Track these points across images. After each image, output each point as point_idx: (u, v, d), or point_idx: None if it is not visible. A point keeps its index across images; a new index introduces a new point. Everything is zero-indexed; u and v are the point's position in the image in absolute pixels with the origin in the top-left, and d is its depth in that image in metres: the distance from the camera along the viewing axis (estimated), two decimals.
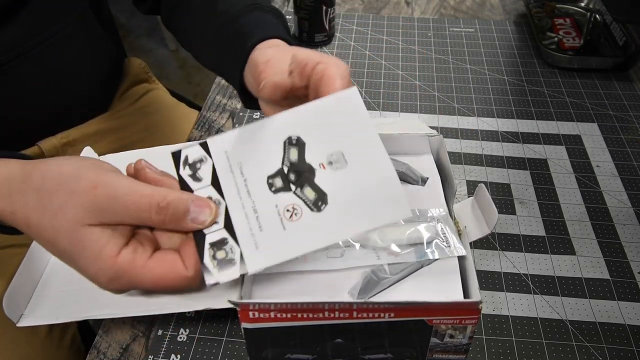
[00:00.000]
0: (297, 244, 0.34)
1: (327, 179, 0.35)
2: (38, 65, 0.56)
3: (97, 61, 0.66)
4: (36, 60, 0.55)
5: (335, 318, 0.34)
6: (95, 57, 0.65)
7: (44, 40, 0.55)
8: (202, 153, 0.37)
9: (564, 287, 0.48)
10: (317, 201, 0.35)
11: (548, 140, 0.64)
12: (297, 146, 0.36)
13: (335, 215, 0.34)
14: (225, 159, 0.37)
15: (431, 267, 0.39)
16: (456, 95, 0.70)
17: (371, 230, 0.34)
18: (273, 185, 0.35)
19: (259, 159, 0.36)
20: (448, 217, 0.41)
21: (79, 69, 0.63)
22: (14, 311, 0.39)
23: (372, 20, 0.85)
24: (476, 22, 0.85)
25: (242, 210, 0.35)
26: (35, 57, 0.55)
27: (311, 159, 0.36)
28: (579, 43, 0.76)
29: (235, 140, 0.37)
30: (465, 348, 0.36)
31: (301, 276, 0.39)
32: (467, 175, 0.59)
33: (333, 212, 0.34)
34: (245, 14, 0.49)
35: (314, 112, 0.37)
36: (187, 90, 1.95)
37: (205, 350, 0.44)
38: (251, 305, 0.33)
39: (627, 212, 0.55)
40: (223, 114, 0.69)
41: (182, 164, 0.37)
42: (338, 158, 0.36)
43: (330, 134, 0.36)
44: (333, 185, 0.35)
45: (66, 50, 0.59)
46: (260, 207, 0.35)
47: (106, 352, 0.44)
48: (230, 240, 0.34)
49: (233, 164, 0.36)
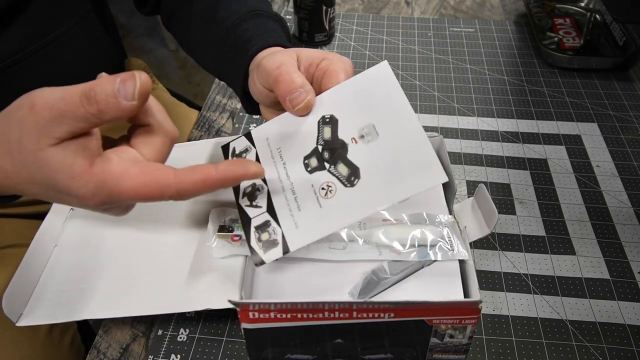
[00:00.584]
0: (332, 221, 0.35)
1: (360, 153, 0.36)
2: (40, 67, 0.56)
3: (98, 62, 0.66)
4: (38, 62, 0.55)
5: (335, 318, 0.34)
6: (96, 58, 0.65)
7: (47, 44, 0.55)
8: (247, 143, 0.40)
9: (564, 287, 0.48)
10: (350, 176, 0.36)
11: (548, 140, 0.64)
12: (330, 124, 0.38)
13: (368, 189, 0.35)
14: (267, 145, 0.39)
15: (431, 268, 0.39)
16: (456, 95, 0.70)
17: (405, 200, 0.34)
18: (309, 166, 0.37)
19: (296, 142, 0.38)
20: (455, 223, 0.41)
21: (80, 70, 0.63)
22: (14, 310, 0.39)
23: (372, 20, 0.85)
24: (476, 22, 0.85)
25: (282, 194, 0.37)
26: (37, 59, 0.55)
27: (344, 134, 0.37)
28: (579, 43, 0.76)
29: (275, 127, 0.39)
30: (465, 348, 0.36)
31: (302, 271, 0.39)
32: (467, 175, 0.59)
33: (366, 186, 0.35)
34: (246, 20, 0.49)
35: (347, 89, 0.38)
36: (187, 90, 1.95)
37: (205, 350, 0.44)
38: (251, 305, 0.33)
39: (627, 212, 0.55)
40: (223, 114, 0.69)
41: (230, 155, 0.40)
42: (369, 131, 0.37)
43: (362, 108, 0.37)
44: (365, 158, 0.36)
45: (67, 52, 0.59)
46: (298, 188, 0.37)
47: (106, 352, 0.44)
48: (272, 223, 0.37)
49: (273, 150, 0.39)
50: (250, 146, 0.40)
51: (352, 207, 0.35)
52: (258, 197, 0.38)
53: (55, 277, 0.42)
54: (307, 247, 0.39)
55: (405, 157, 0.35)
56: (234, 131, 0.66)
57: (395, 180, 0.34)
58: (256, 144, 0.40)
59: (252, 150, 0.40)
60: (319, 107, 0.38)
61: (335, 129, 0.37)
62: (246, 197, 0.38)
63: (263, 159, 0.39)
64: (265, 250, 0.36)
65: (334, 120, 0.38)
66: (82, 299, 0.41)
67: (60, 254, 0.44)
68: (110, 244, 0.44)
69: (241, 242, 0.40)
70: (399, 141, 0.35)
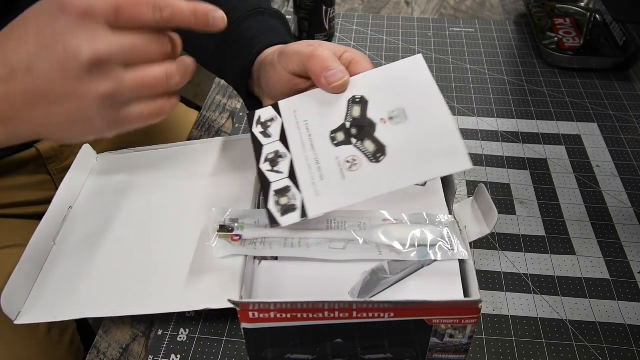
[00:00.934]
0: (355, 192, 0.36)
1: (388, 133, 0.37)
2: None
3: None
4: None
5: (335, 318, 0.34)
6: None
7: None
8: (274, 113, 0.41)
9: (564, 287, 0.48)
10: (376, 153, 0.37)
11: (548, 140, 0.64)
12: (360, 104, 0.39)
13: (393, 166, 0.36)
14: (294, 117, 0.40)
15: (431, 268, 0.39)
16: (456, 95, 0.70)
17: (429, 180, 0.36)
18: (335, 139, 0.38)
19: (324, 117, 0.39)
20: (455, 223, 0.41)
21: None
22: (12, 308, 0.39)
23: (372, 20, 0.85)
24: (476, 22, 0.85)
25: (305, 162, 0.38)
26: None
27: (373, 115, 0.38)
28: (579, 43, 0.76)
29: (304, 101, 0.41)
30: (465, 348, 0.36)
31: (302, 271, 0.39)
32: (467, 175, 0.59)
33: (392, 163, 0.36)
34: (248, 18, 0.49)
35: (379, 75, 0.40)
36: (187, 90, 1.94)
37: (205, 350, 0.44)
38: (251, 305, 0.33)
39: (627, 212, 0.55)
40: (223, 114, 0.69)
41: (255, 123, 0.41)
42: (399, 113, 0.38)
43: (394, 93, 0.39)
44: (393, 138, 0.37)
45: None
46: (322, 158, 0.38)
47: (106, 352, 0.44)
48: (293, 189, 0.37)
49: (300, 122, 0.40)
50: (277, 116, 0.41)
51: (376, 182, 0.36)
52: (280, 163, 0.39)
53: (54, 276, 0.42)
54: (307, 245, 0.39)
55: (432, 141, 0.36)
56: (234, 131, 0.66)
57: (421, 162, 0.36)
58: (283, 114, 0.41)
59: (279, 120, 0.41)
60: (350, 88, 0.40)
61: (365, 108, 0.39)
62: (268, 162, 0.39)
63: (289, 129, 0.40)
64: (283, 214, 0.37)
65: (364, 100, 0.39)
66: (81, 298, 0.41)
67: (59, 252, 0.44)
68: (109, 243, 0.44)
69: (241, 241, 0.40)
70: (428, 126, 0.37)
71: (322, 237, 0.40)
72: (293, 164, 0.38)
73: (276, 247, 0.39)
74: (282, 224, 0.36)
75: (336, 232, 0.40)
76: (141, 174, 0.50)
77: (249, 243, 0.40)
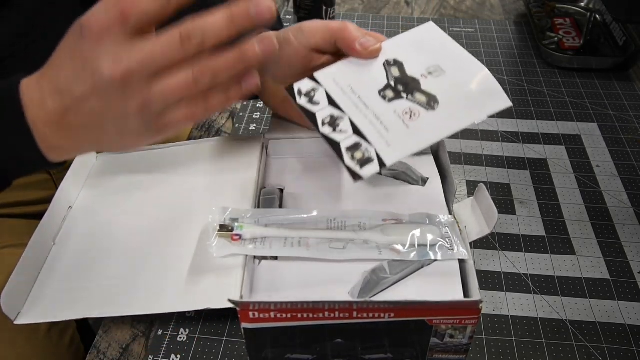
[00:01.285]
0: (422, 138, 0.39)
1: (432, 85, 0.41)
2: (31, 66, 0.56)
3: None
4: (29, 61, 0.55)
5: (335, 318, 0.34)
6: None
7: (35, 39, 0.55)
8: (313, 84, 0.41)
9: (564, 287, 0.48)
10: (430, 102, 0.40)
11: (548, 140, 0.64)
12: (397, 65, 0.42)
13: (449, 111, 0.39)
14: (335, 84, 0.41)
15: (431, 268, 0.39)
16: None
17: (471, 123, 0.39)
18: (386, 97, 0.40)
19: (366, 80, 0.41)
20: (455, 223, 0.41)
21: None
22: (12, 309, 0.39)
23: (372, 20, 0.85)
24: (476, 22, 0.85)
25: (365, 119, 0.39)
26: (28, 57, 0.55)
27: (412, 72, 0.41)
28: (579, 43, 0.76)
29: (341, 69, 0.42)
30: (465, 348, 0.36)
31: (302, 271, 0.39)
32: (467, 175, 0.59)
33: (446, 109, 0.39)
34: None
35: (402, 41, 0.43)
36: None
37: (205, 350, 0.44)
38: (251, 305, 0.33)
39: (627, 212, 0.55)
40: (223, 114, 0.69)
41: (297, 95, 0.41)
42: (436, 69, 0.41)
43: (423, 53, 0.42)
44: (438, 89, 0.40)
45: None
46: (380, 114, 0.39)
47: (106, 352, 0.44)
48: (363, 143, 0.38)
49: (344, 87, 0.41)
50: (317, 86, 0.41)
51: (437, 126, 0.39)
52: (340, 124, 0.39)
53: (54, 276, 0.42)
54: (307, 245, 0.39)
55: (474, 87, 0.40)
56: (234, 131, 0.66)
57: (470, 105, 0.40)
58: (323, 83, 0.41)
59: (321, 89, 0.41)
60: (379, 55, 0.42)
61: (403, 69, 0.41)
62: (327, 125, 0.40)
63: (334, 94, 0.41)
64: (362, 167, 0.37)
65: (399, 62, 0.42)
66: (81, 298, 0.41)
67: (59, 252, 0.44)
68: (109, 242, 0.44)
69: (241, 241, 0.40)
70: (465, 75, 0.41)
71: (322, 237, 0.40)
72: (354, 123, 0.39)
73: (276, 247, 0.39)
74: (364, 176, 0.37)
75: (336, 232, 0.40)
76: (141, 174, 0.50)
77: (249, 243, 0.40)
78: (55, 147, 0.38)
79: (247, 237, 0.40)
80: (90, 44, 0.33)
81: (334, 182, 0.47)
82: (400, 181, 0.46)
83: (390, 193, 0.45)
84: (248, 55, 0.35)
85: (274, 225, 0.41)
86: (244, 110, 0.69)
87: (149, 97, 0.34)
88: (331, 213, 0.42)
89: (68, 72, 0.35)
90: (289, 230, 0.40)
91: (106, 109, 0.35)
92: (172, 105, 0.35)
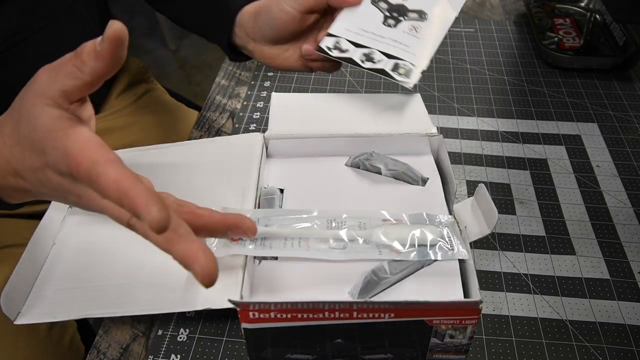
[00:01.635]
0: (432, 39, 0.49)
1: (413, 3, 0.51)
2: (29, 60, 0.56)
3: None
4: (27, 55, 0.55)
5: (335, 318, 0.34)
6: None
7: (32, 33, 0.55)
8: (333, 39, 0.50)
9: (564, 287, 0.48)
10: (421, 15, 0.51)
11: (548, 140, 0.64)
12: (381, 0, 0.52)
13: (439, 17, 0.50)
14: (349, 32, 0.50)
15: (431, 268, 0.39)
16: (456, 95, 0.70)
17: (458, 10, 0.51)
18: (390, 25, 0.50)
19: (368, 20, 0.51)
20: (455, 223, 0.41)
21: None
22: (12, 309, 0.39)
23: None
24: (476, 22, 0.85)
25: (388, 45, 0.49)
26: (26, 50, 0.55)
27: (395, 0, 0.52)
28: (579, 43, 0.76)
29: (344, 20, 0.51)
30: (466, 348, 0.36)
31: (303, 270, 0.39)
32: (467, 175, 0.59)
33: (435, 16, 0.50)
34: None
35: None
36: (187, 90, 1.95)
37: (205, 350, 0.44)
38: (251, 305, 0.33)
39: (627, 212, 0.55)
40: (223, 114, 0.69)
41: (328, 51, 0.50)
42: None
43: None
44: (418, 5, 0.51)
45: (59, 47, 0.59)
46: (395, 38, 0.50)
47: (106, 352, 0.44)
48: (399, 62, 0.48)
49: (357, 31, 0.50)
50: (338, 38, 0.50)
51: (437, 29, 0.50)
52: (374, 57, 0.49)
53: (53, 276, 0.42)
54: (307, 245, 0.39)
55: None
56: (234, 131, 0.66)
57: (445, 7, 0.51)
58: (340, 35, 0.50)
59: (341, 39, 0.50)
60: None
61: (387, 0, 0.51)
62: (366, 62, 0.49)
63: (355, 38, 0.50)
64: (408, 77, 0.47)
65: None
66: (80, 298, 0.41)
67: (59, 252, 0.44)
68: (109, 242, 0.44)
69: (241, 241, 0.40)
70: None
71: (322, 237, 0.40)
72: (382, 51, 0.49)
73: (276, 247, 0.39)
74: (412, 82, 0.47)
75: (336, 232, 0.40)
76: (141, 174, 0.50)
77: (249, 243, 0.40)
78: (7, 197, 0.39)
79: (247, 238, 0.40)
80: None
81: (334, 182, 0.47)
82: (400, 181, 0.46)
83: (390, 193, 0.45)
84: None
85: (274, 225, 0.41)
86: (244, 110, 0.69)
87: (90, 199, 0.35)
88: (331, 213, 0.42)
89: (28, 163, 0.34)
90: (289, 230, 0.40)
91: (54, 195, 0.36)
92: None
